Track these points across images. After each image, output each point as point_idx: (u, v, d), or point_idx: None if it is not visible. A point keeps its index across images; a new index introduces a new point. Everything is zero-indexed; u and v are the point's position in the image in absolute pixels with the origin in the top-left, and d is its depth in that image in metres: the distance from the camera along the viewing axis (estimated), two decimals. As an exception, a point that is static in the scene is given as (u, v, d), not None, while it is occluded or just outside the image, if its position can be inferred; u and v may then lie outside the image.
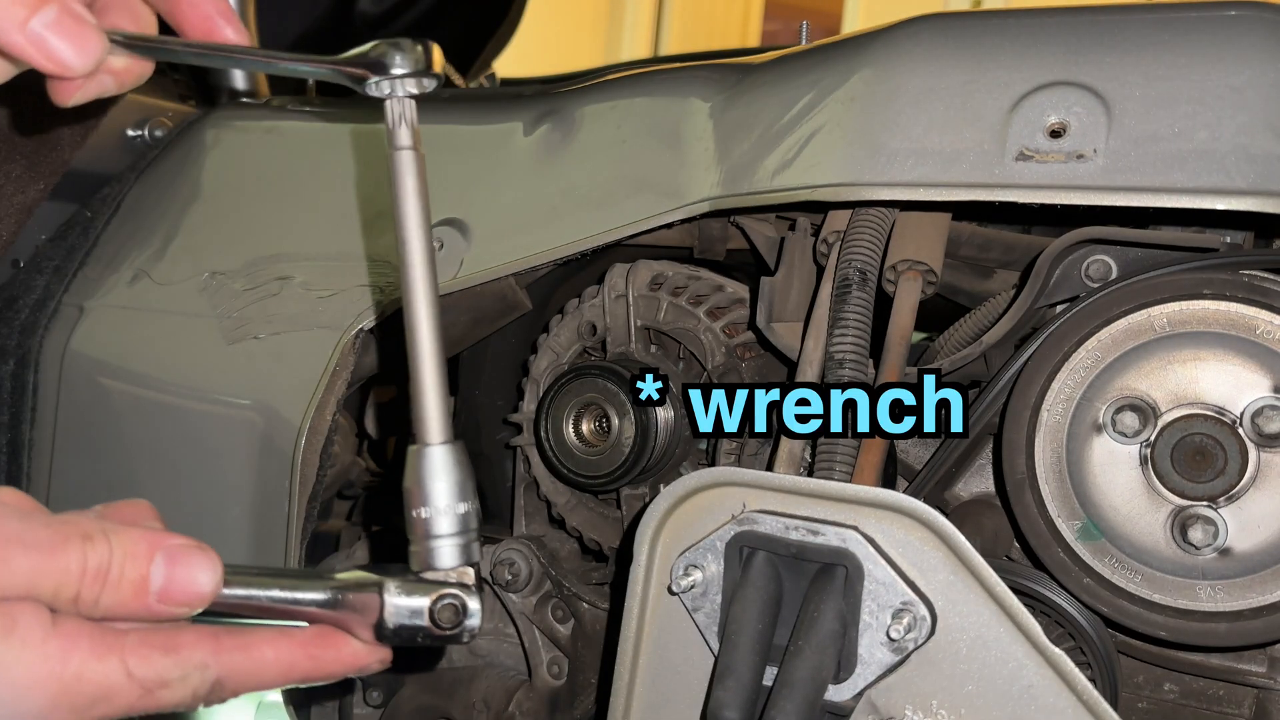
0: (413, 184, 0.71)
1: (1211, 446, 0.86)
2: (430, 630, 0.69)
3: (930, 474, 0.97)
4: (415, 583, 0.70)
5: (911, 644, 0.82)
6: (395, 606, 0.69)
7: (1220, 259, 0.88)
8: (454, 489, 0.70)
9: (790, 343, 1.03)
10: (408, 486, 0.71)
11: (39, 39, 0.65)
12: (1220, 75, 0.86)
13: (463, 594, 0.69)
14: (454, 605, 0.69)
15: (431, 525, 0.70)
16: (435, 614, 0.69)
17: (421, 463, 0.70)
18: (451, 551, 0.70)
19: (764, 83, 1.07)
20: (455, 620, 0.69)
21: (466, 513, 0.71)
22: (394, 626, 0.69)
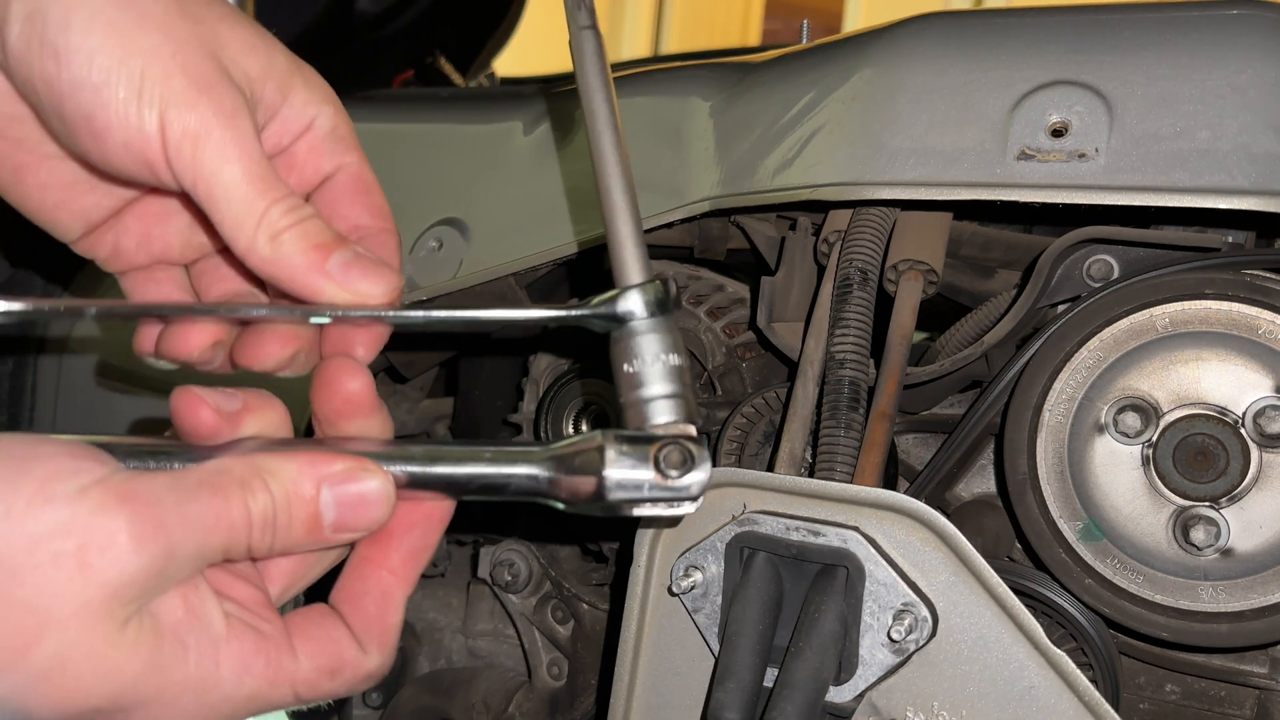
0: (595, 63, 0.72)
1: (1213, 447, 0.86)
2: (656, 481, 0.62)
3: (931, 474, 0.97)
4: (635, 437, 0.64)
5: (913, 645, 0.82)
6: (616, 458, 0.62)
7: (1222, 259, 0.88)
8: (663, 340, 0.66)
9: (791, 343, 1.03)
10: (615, 339, 0.66)
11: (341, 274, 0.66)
12: (1222, 74, 0.86)
13: (689, 443, 0.63)
14: (680, 450, 0.62)
15: (643, 378, 0.65)
16: (660, 460, 0.62)
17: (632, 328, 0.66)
18: (669, 405, 0.65)
19: (764, 82, 1.07)
20: (681, 463, 0.62)
21: (679, 365, 0.66)
22: (617, 480, 0.62)
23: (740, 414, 1.09)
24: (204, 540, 0.58)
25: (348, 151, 0.75)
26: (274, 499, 0.60)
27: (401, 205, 1.26)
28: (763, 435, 1.09)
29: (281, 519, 0.60)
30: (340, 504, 0.62)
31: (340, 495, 0.62)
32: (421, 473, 0.64)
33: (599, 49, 0.71)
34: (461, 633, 1.41)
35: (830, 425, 0.92)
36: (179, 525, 0.56)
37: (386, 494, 0.63)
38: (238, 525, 0.59)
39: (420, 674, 1.41)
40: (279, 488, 0.60)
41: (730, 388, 1.17)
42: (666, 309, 0.66)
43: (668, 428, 0.64)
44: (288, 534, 0.61)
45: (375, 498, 0.62)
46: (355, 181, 0.75)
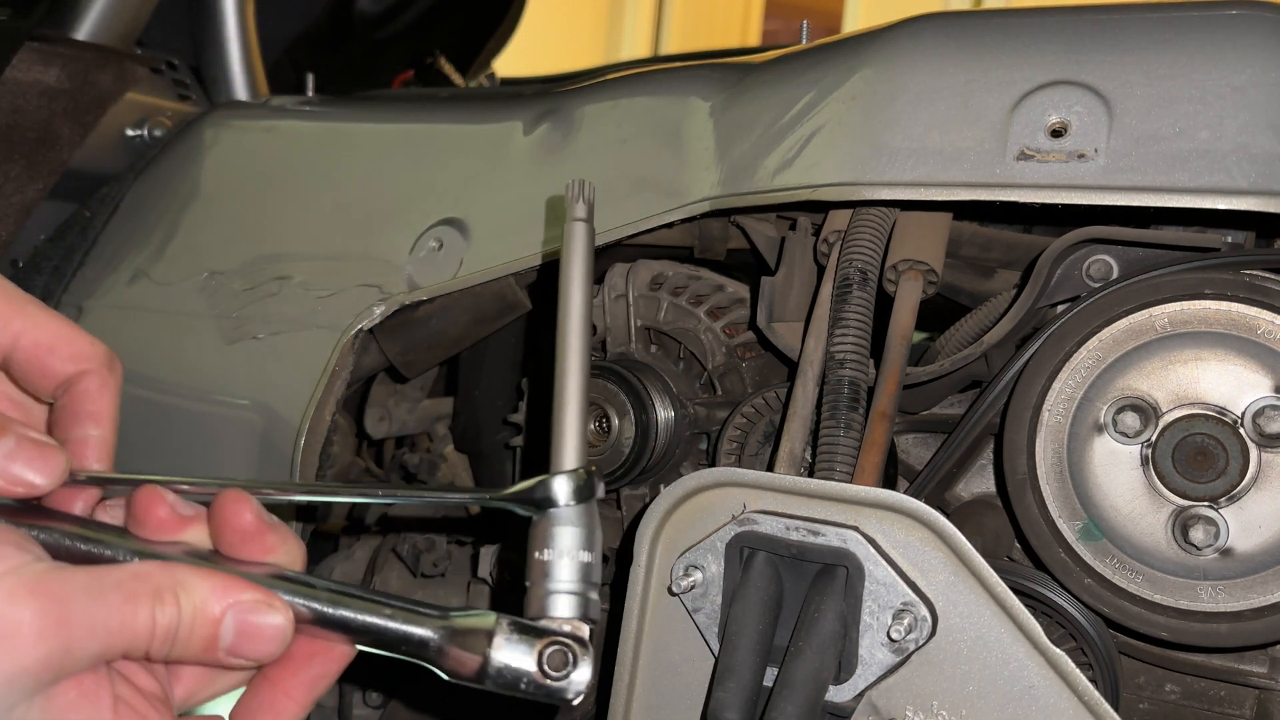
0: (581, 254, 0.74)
1: (1213, 447, 0.86)
2: (535, 677, 0.65)
3: (931, 474, 0.97)
4: (528, 625, 0.66)
5: (912, 644, 0.82)
6: (503, 644, 0.65)
7: (1221, 259, 0.88)
8: (580, 538, 0.67)
9: (791, 343, 1.03)
10: (536, 523, 0.68)
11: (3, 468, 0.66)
12: (1222, 74, 0.86)
13: (575, 646, 0.65)
14: (564, 653, 0.65)
15: (551, 570, 0.67)
16: (544, 659, 0.65)
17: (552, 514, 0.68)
18: (569, 602, 0.67)
19: (764, 82, 1.07)
20: (563, 665, 0.65)
21: (589, 563, 0.68)
22: (499, 666, 0.65)
23: (740, 414, 1.09)
24: (106, 642, 0.60)
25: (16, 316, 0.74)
26: (180, 614, 0.63)
27: (401, 205, 1.26)
28: (763, 435, 1.09)
29: (183, 633, 0.63)
30: (240, 632, 0.64)
31: (241, 624, 0.64)
32: (323, 612, 0.67)
33: (588, 243, 0.74)
34: (461, 632, 1.40)
35: (830, 425, 0.92)
36: (83, 625, 0.59)
37: (284, 633, 0.65)
38: (140, 633, 0.61)
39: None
40: (188, 604, 0.63)
41: (730, 388, 1.18)
42: (586, 497, 0.68)
43: (561, 624, 0.66)
44: (185, 647, 0.63)
45: (272, 634, 0.65)
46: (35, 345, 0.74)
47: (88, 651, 0.59)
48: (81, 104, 1.45)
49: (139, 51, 1.57)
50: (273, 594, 0.65)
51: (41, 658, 0.57)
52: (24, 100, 1.39)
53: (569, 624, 0.66)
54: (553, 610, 0.67)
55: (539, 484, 0.68)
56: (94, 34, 1.51)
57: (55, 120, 1.43)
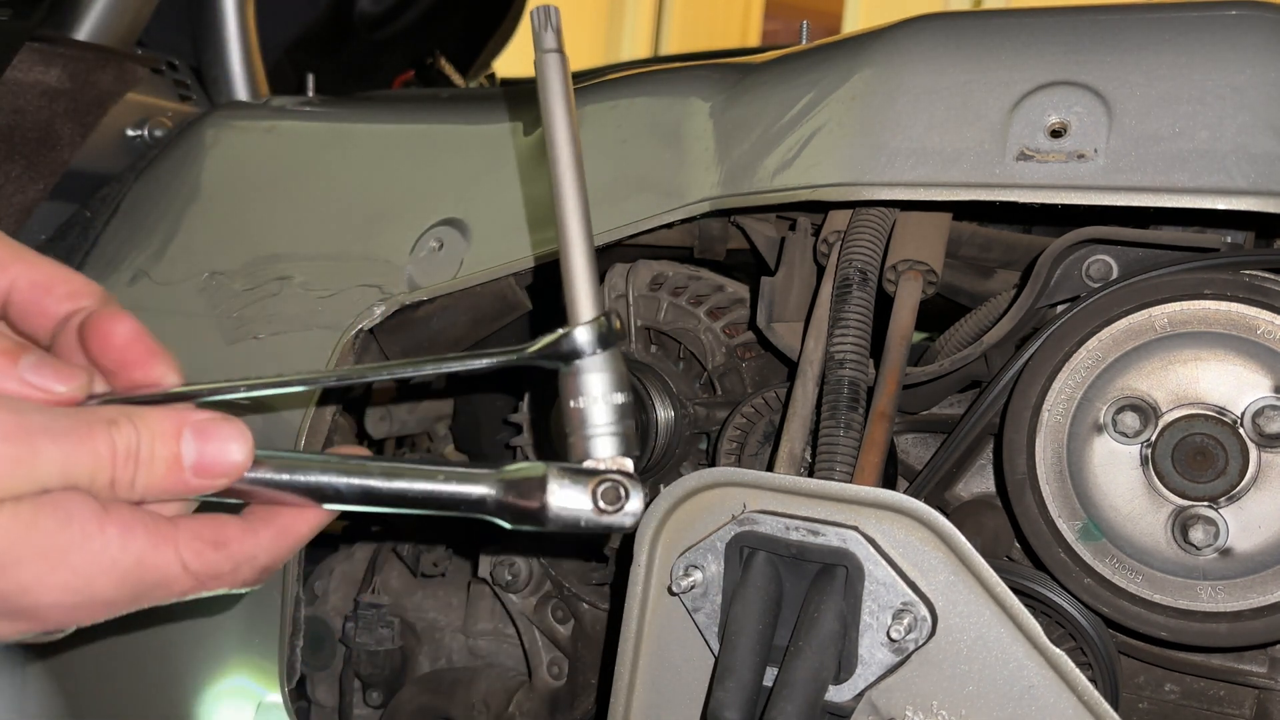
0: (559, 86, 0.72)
1: (1212, 447, 0.86)
2: (592, 514, 0.68)
3: (931, 474, 0.97)
4: (577, 469, 0.69)
5: (912, 644, 0.82)
6: (559, 492, 0.68)
7: (1221, 259, 0.88)
8: (610, 380, 0.70)
9: (791, 343, 1.03)
10: (563, 375, 0.70)
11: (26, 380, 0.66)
12: (1221, 75, 0.86)
13: (623, 479, 0.69)
14: (616, 486, 0.68)
15: (588, 415, 0.69)
16: (598, 495, 0.68)
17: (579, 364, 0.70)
18: (610, 441, 0.69)
19: (764, 82, 1.07)
20: (616, 498, 0.68)
21: (623, 404, 0.70)
22: (557, 509, 0.68)
23: (740, 414, 1.10)
24: (69, 452, 0.60)
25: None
26: (138, 435, 0.63)
27: (401, 205, 1.26)
28: (762, 435, 1.09)
29: (144, 453, 0.63)
30: (200, 447, 0.64)
31: (201, 438, 0.64)
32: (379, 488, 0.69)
33: (564, 73, 0.72)
34: (462, 632, 1.41)
35: (830, 425, 0.92)
36: (43, 433, 0.60)
37: (244, 439, 0.65)
38: (101, 452, 0.61)
39: (420, 674, 1.41)
40: (145, 427, 0.63)
41: (730, 388, 1.18)
42: (610, 344, 0.70)
43: (607, 462, 0.69)
44: (149, 470, 0.63)
45: (233, 441, 0.65)
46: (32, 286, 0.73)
47: (52, 458, 0.59)
48: (82, 104, 1.45)
49: (139, 52, 1.58)
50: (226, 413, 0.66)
51: (7, 455, 0.58)
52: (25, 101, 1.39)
53: (614, 462, 0.69)
54: (596, 452, 0.69)
55: (563, 337, 0.69)
56: (94, 34, 1.51)
57: (56, 120, 1.43)
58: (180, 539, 0.64)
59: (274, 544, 0.69)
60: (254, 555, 0.68)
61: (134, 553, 0.62)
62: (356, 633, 1.39)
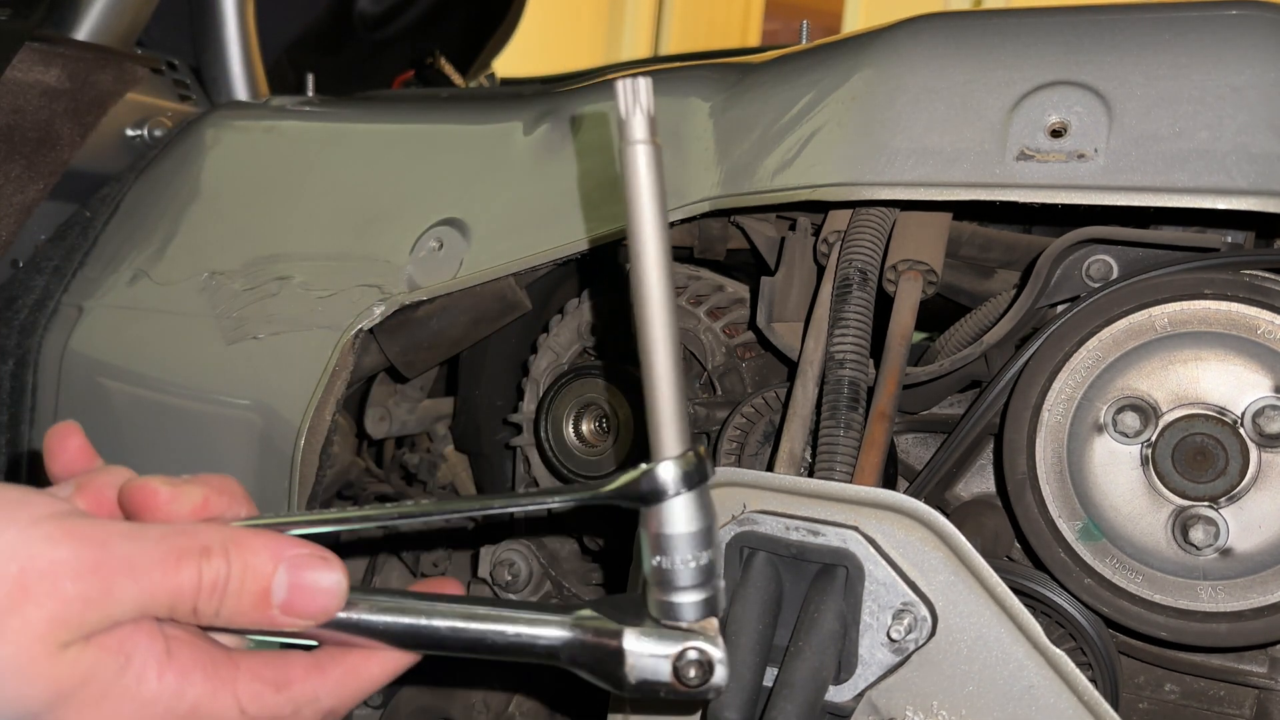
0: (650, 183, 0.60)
1: (1212, 447, 0.86)
2: (674, 686, 0.64)
3: (931, 474, 0.97)
4: (657, 631, 0.65)
5: (912, 644, 0.82)
6: (638, 657, 0.64)
7: (1221, 259, 0.88)
8: (697, 536, 0.64)
9: (791, 343, 1.03)
10: (644, 519, 0.64)
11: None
12: (1221, 75, 0.86)
13: (708, 647, 0.64)
14: (700, 662, 0.64)
15: (673, 576, 0.64)
16: (680, 670, 0.64)
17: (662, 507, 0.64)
18: (695, 604, 0.65)
19: (764, 82, 1.07)
20: (701, 677, 0.64)
21: (710, 563, 0.65)
22: (636, 680, 0.64)
23: (740, 414, 1.10)
24: (147, 587, 0.58)
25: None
26: (230, 568, 0.61)
27: (401, 205, 1.26)
28: (762, 435, 1.09)
29: (233, 586, 0.61)
30: (293, 586, 0.62)
31: (295, 578, 0.62)
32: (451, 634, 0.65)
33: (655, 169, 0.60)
34: (461, 632, 1.41)
35: (830, 425, 0.92)
36: (122, 565, 0.58)
37: (339, 584, 0.63)
38: (185, 585, 0.60)
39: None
40: (238, 559, 0.61)
41: (730, 388, 1.18)
42: (698, 483, 0.63)
43: (691, 626, 0.65)
44: (236, 602, 0.61)
45: (328, 585, 0.63)
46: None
47: (129, 593, 0.58)
48: (82, 104, 1.45)
49: (139, 52, 1.58)
50: (325, 550, 0.63)
51: (81, 594, 0.56)
52: (24, 100, 1.39)
53: (699, 626, 0.65)
54: (680, 615, 0.65)
55: (644, 475, 0.63)
56: (94, 34, 1.51)
57: (56, 120, 1.43)
58: (240, 681, 0.62)
59: (340, 685, 0.66)
60: (317, 697, 0.65)
61: (190, 700, 0.60)
62: (356, 633, 1.39)
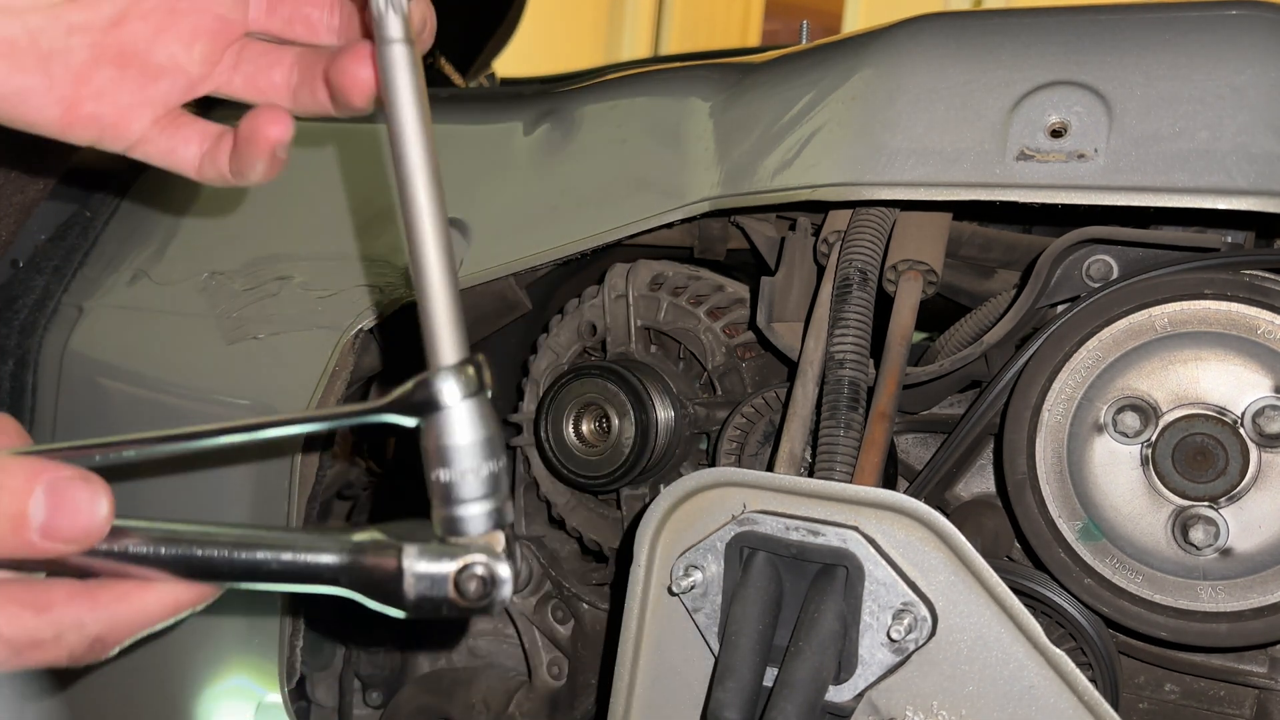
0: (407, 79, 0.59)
1: (1213, 447, 0.86)
2: (455, 602, 0.61)
3: (931, 474, 0.97)
4: (438, 548, 0.61)
5: (912, 644, 0.82)
6: (416, 575, 0.61)
7: (1221, 259, 0.88)
8: (479, 446, 0.60)
9: (791, 343, 1.03)
10: (424, 432, 0.60)
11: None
12: (1221, 75, 0.86)
13: (491, 562, 0.61)
14: (480, 576, 0.61)
15: (455, 489, 0.61)
16: (460, 584, 0.61)
17: (439, 418, 0.60)
18: (479, 517, 0.61)
19: (764, 82, 1.07)
20: (482, 592, 0.61)
21: (495, 473, 0.61)
22: (414, 597, 0.61)
23: (740, 414, 1.10)
24: None
25: None
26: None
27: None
28: (762, 435, 1.09)
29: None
30: (52, 507, 0.58)
31: (54, 498, 0.58)
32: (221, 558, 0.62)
33: (411, 67, 0.59)
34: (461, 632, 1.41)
35: (830, 425, 0.92)
36: None
37: (102, 505, 0.59)
38: None
39: (420, 673, 1.41)
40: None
41: (730, 388, 1.18)
42: (477, 392, 0.60)
43: (474, 540, 0.62)
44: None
45: (89, 506, 0.59)
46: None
47: None
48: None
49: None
50: (87, 471, 0.60)
51: None
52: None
53: (483, 538, 0.61)
54: (462, 528, 0.61)
55: (418, 385, 0.59)
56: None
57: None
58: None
59: (111, 612, 0.62)
60: (82, 622, 0.61)
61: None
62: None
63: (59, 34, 0.70)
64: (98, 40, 0.72)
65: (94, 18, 0.71)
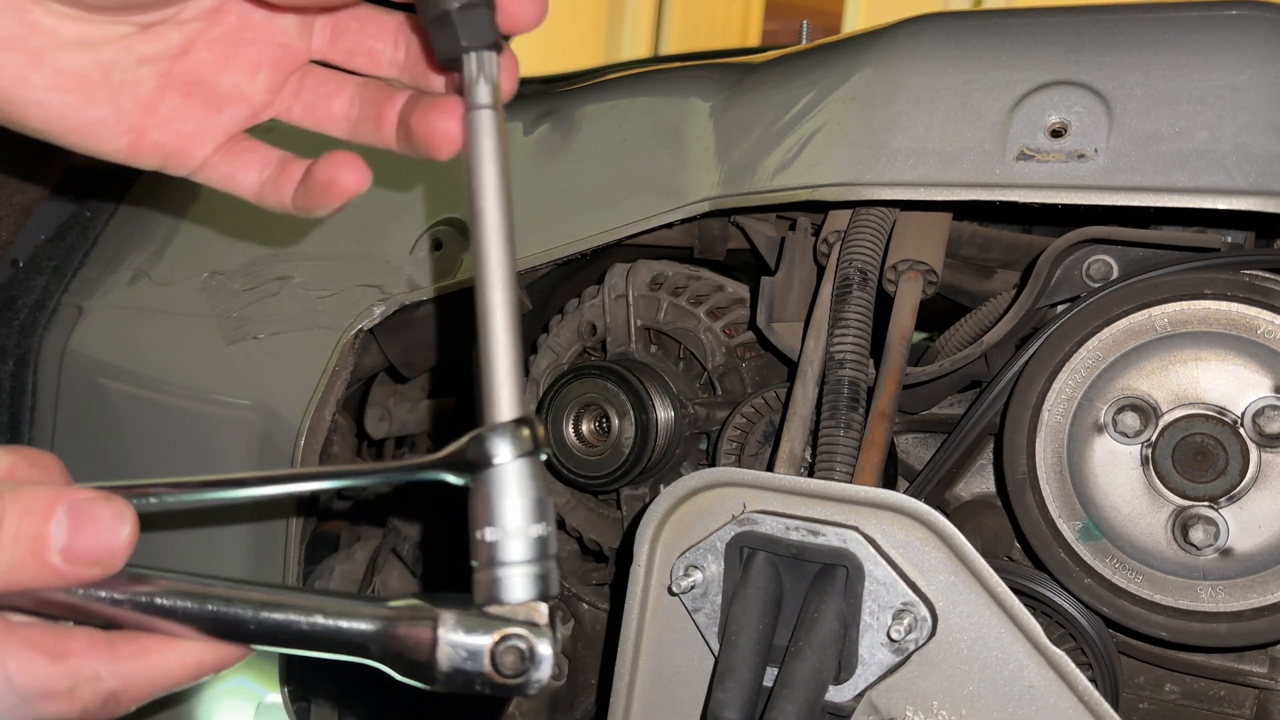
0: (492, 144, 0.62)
1: (1213, 447, 0.86)
2: (489, 677, 0.58)
3: (931, 474, 0.97)
4: (476, 617, 0.58)
5: (912, 644, 0.82)
6: (451, 645, 0.57)
7: (1221, 259, 0.88)
8: (529, 507, 0.58)
9: (791, 343, 1.03)
10: (473, 490, 0.59)
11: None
12: (1221, 75, 0.86)
13: (531, 635, 0.58)
14: (518, 649, 0.58)
15: (499, 550, 0.58)
16: (496, 658, 0.58)
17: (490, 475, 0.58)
18: (523, 582, 0.58)
19: (764, 82, 1.07)
20: (519, 668, 0.58)
21: (543, 538, 0.59)
22: (447, 670, 0.58)
23: (740, 414, 1.10)
24: None
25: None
26: (3, 508, 0.56)
27: (401, 205, 1.26)
28: (762, 435, 1.09)
29: (8, 529, 0.55)
30: (74, 527, 0.56)
31: (75, 518, 0.56)
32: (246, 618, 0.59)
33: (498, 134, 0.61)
34: (461, 632, 1.41)
35: (830, 425, 0.92)
36: None
37: (125, 524, 0.57)
38: None
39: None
40: (14, 502, 0.56)
41: (730, 388, 1.18)
42: (529, 452, 0.59)
43: (515, 609, 0.58)
44: (10, 551, 0.55)
45: (111, 525, 0.57)
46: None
47: None
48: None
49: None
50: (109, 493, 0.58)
51: None
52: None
53: (524, 608, 0.58)
54: (505, 595, 0.58)
55: (470, 442, 0.58)
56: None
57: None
58: (9, 645, 0.56)
59: (129, 668, 0.59)
60: (99, 676, 0.58)
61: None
62: (356, 633, 1.39)
63: (130, 65, 0.70)
64: (166, 70, 0.72)
65: (163, 48, 0.71)
